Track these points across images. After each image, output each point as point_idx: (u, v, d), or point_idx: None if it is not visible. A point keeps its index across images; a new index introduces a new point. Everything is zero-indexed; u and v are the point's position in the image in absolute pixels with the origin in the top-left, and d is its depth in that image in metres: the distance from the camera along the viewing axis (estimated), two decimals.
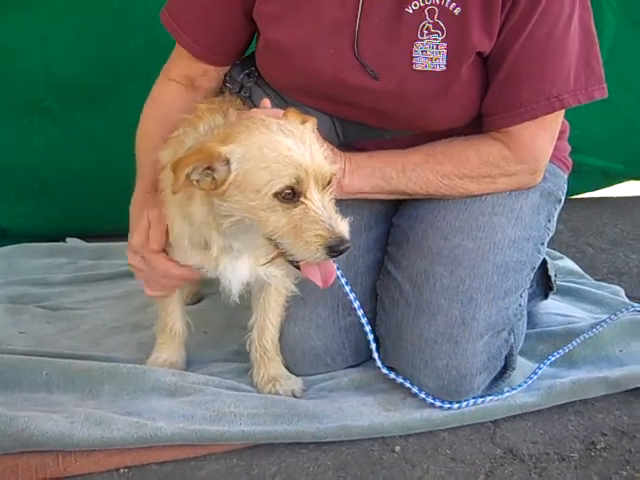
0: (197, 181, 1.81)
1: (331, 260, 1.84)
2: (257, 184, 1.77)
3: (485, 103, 2.10)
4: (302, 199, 1.78)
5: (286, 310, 2.18)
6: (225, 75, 2.34)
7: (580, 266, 2.98)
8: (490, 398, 2.10)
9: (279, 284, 2.10)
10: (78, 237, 3.42)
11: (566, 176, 2.38)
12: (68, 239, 3.39)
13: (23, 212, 3.40)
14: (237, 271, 2.01)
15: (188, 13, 2.24)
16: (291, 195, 1.78)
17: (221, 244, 1.94)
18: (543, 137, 2.12)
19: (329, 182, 1.83)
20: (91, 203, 3.42)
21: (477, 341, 2.06)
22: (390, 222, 2.33)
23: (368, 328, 2.12)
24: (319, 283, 1.86)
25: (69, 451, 1.93)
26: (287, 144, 1.78)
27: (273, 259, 1.88)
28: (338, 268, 2.06)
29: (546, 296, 2.54)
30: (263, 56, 2.23)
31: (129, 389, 2.12)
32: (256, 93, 2.27)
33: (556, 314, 2.49)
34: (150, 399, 2.10)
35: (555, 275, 2.53)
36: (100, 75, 3.32)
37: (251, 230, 1.85)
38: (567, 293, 2.67)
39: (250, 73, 2.31)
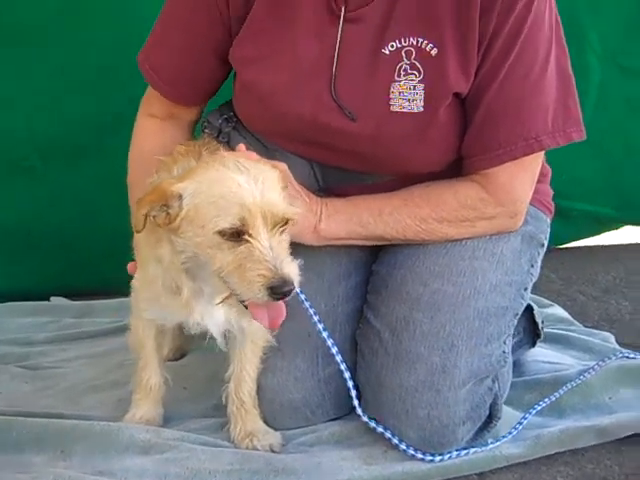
0: (154, 217, 1.81)
1: (280, 302, 1.79)
2: (204, 220, 1.76)
3: (463, 145, 2.08)
4: (247, 237, 1.74)
5: (263, 361, 2.12)
6: (203, 121, 2.33)
7: (571, 314, 2.92)
8: (474, 450, 2.03)
9: (255, 334, 2.05)
10: (63, 296, 3.38)
11: (549, 220, 2.35)
12: (52, 298, 3.35)
13: (8, 272, 3.36)
14: (213, 317, 1.97)
15: (163, 58, 2.25)
16: (237, 233, 1.74)
17: (191, 286, 1.91)
18: (522, 179, 2.09)
19: (285, 223, 1.79)
20: (76, 261, 3.38)
21: (459, 389, 2.00)
22: (369, 269, 2.28)
23: (347, 375, 2.06)
24: (265, 324, 1.82)
25: None
26: (238, 180, 1.76)
27: (226, 299, 1.84)
28: (315, 313, 2.03)
29: (534, 344, 2.48)
30: (240, 98, 2.22)
31: (102, 448, 2.05)
32: (234, 138, 2.26)
33: (544, 362, 2.44)
34: (124, 458, 2.02)
35: (542, 322, 2.48)
36: (83, 131, 3.31)
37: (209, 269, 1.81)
38: (556, 341, 2.62)
39: (228, 118, 2.30)
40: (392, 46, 2.03)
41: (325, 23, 2.07)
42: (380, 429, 2.05)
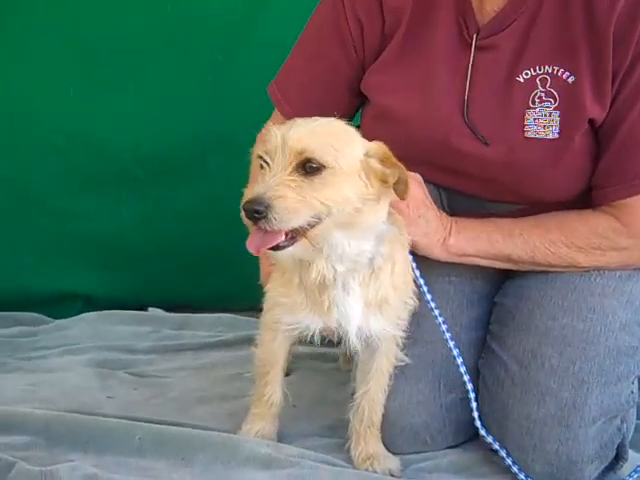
0: None
1: (268, 231, 1.77)
2: None
3: (597, 174, 2.08)
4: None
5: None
6: None
7: None
8: None
9: (389, 350, 2.04)
10: (159, 307, 3.43)
11: None
12: (150, 309, 3.40)
13: (107, 280, 3.42)
14: (350, 319, 1.95)
15: (296, 88, 2.29)
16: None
17: (322, 268, 1.90)
18: None
19: (307, 162, 1.77)
20: (173, 275, 3.44)
21: (589, 427, 1.98)
22: (491, 301, 2.28)
23: (471, 388, 2.05)
24: (248, 248, 1.80)
25: None
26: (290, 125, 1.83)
27: None
28: (444, 322, 2.04)
29: None
30: (371, 124, 2.25)
31: (223, 458, 2.06)
32: None
33: None
34: (244, 470, 2.03)
35: None
36: (188, 149, 3.38)
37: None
38: None
39: None
40: (526, 74, 2.06)
41: (457, 51, 2.11)
42: (503, 453, 2.04)
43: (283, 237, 1.79)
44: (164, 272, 3.44)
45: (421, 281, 2.03)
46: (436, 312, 2.03)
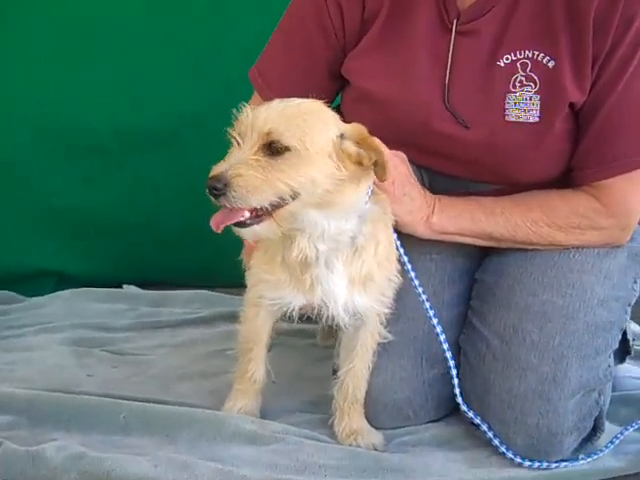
0: None
1: (228, 209, 1.81)
2: None
3: (576, 156, 2.11)
4: None
5: None
6: None
7: None
8: (582, 461, 2.05)
9: (373, 326, 2.06)
10: (134, 284, 3.41)
11: None
12: (125, 286, 3.38)
13: (80, 257, 3.40)
14: (335, 295, 1.97)
15: (276, 73, 2.30)
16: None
17: (304, 246, 1.92)
18: (636, 192, 2.11)
19: (272, 143, 1.80)
20: (148, 250, 3.42)
21: (569, 399, 2.02)
22: (472, 277, 2.31)
23: (453, 364, 2.08)
24: (211, 224, 1.85)
25: None
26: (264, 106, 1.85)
27: None
28: (428, 299, 2.06)
29: (623, 360, 2.49)
30: (351, 106, 2.26)
31: (208, 435, 2.07)
32: None
33: (634, 377, 2.45)
34: (230, 446, 2.04)
35: (633, 339, 2.48)
36: (163, 122, 3.36)
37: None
38: (637, 357, 2.62)
39: None
40: (507, 58, 2.07)
41: (438, 36, 2.13)
42: (484, 427, 2.07)
43: (247, 214, 1.81)
44: (139, 248, 3.42)
45: (405, 258, 2.05)
46: (419, 289, 2.06)
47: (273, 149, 1.80)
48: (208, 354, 2.70)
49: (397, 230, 2.07)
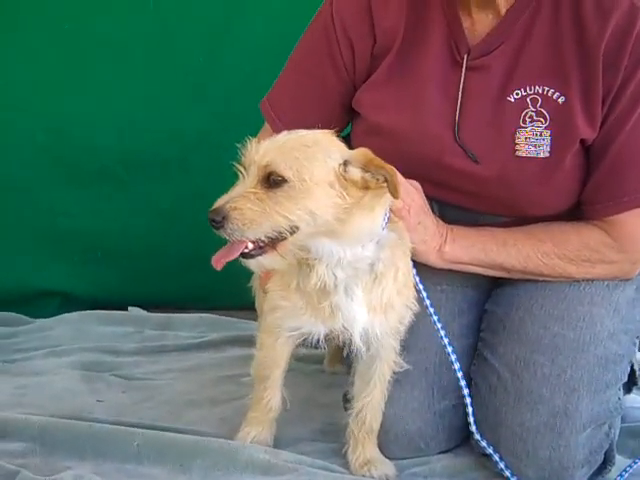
0: None
1: (231, 244, 1.85)
2: None
3: (586, 192, 2.14)
4: None
5: None
6: None
7: None
8: None
9: (388, 354, 2.07)
10: (139, 307, 3.42)
11: None
12: (130, 308, 3.39)
13: (86, 278, 3.43)
14: (356, 320, 1.98)
15: (287, 105, 2.32)
16: None
17: (323, 273, 1.94)
18: None
19: (270, 175, 1.83)
20: (154, 273, 3.44)
21: (580, 433, 2.04)
22: (482, 308, 2.33)
23: (467, 391, 2.10)
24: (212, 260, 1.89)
25: None
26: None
27: None
28: (443, 327, 2.07)
29: (629, 390, 2.51)
30: (363, 139, 2.27)
31: (221, 465, 2.07)
32: None
33: None
34: (244, 476, 2.05)
35: (639, 369, 2.51)
36: (169, 147, 3.39)
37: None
38: None
39: None
40: (517, 94, 2.10)
41: (448, 71, 2.15)
42: (496, 458, 2.09)
43: (250, 246, 1.85)
44: (144, 270, 3.44)
45: (420, 287, 2.07)
46: (435, 318, 2.07)
47: (271, 181, 1.82)
48: (217, 380, 2.72)
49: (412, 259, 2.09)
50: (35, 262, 3.39)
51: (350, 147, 2.35)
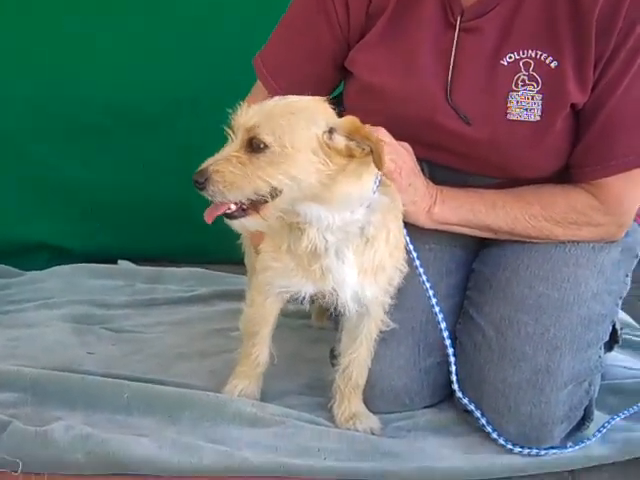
0: None
1: (217, 203, 1.90)
2: None
3: (575, 155, 2.16)
4: None
5: None
6: None
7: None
8: (570, 449, 2.12)
9: (377, 313, 2.11)
10: (129, 260, 3.44)
11: None
12: (120, 261, 3.41)
13: (75, 232, 3.43)
14: (345, 282, 2.02)
15: (280, 63, 2.33)
16: None
17: (313, 236, 1.98)
18: (633, 191, 2.17)
19: (253, 139, 1.85)
20: (143, 227, 3.44)
21: (561, 390, 2.09)
22: (469, 268, 2.37)
23: (451, 351, 2.14)
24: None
25: (158, 476, 1.94)
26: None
27: None
28: (432, 287, 2.11)
29: (611, 348, 2.56)
30: (355, 99, 2.29)
31: (209, 416, 2.12)
32: None
33: (622, 367, 2.51)
34: (231, 428, 2.10)
35: (621, 329, 2.55)
36: (159, 103, 3.37)
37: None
38: (627, 345, 2.69)
39: (339, 114, 2.36)
40: (510, 57, 2.10)
41: (442, 33, 2.15)
42: (478, 414, 2.13)
43: (233, 207, 1.89)
44: (134, 224, 3.44)
45: (411, 247, 2.09)
46: (424, 278, 2.10)
47: (254, 145, 1.85)
48: (206, 333, 2.75)
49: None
50: (23, 215, 3.39)
51: (342, 106, 2.38)
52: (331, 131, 1.89)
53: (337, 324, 2.27)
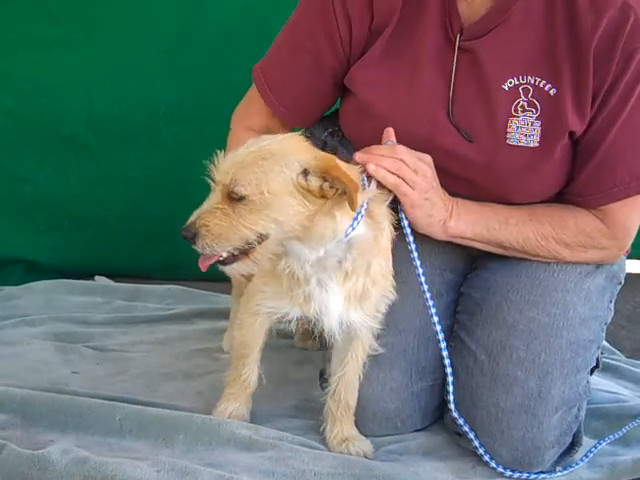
0: None
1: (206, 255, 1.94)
2: None
3: (577, 185, 2.19)
4: None
5: None
6: (304, 132, 2.41)
7: None
8: (559, 473, 2.15)
9: (365, 337, 2.12)
10: (106, 276, 3.41)
11: (625, 259, 2.47)
12: (97, 277, 3.38)
13: (51, 246, 3.42)
14: (330, 309, 2.04)
15: (279, 75, 2.33)
16: None
17: (306, 272, 2.01)
18: (634, 217, 2.22)
19: (230, 190, 1.90)
20: (120, 242, 3.45)
21: (553, 415, 2.12)
22: (458, 291, 2.39)
23: (450, 370, 2.15)
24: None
25: None
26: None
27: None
28: (433, 306, 2.12)
29: (591, 372, 2.61)
30: (352, 117, 2.31)
31: (204, 440, 2.11)
32: (341, 151, 2.34)
33: (603, 391, 2.56)
34: (226, 451, 2.09)
35: (602, 353, 2.60)
36: (140, 116, 3.38)
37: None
38: (605, 369, 2.74)
39: (333, 132, 2.41)
40: (510, 82, 2.13)
41: (443, 51, 2.17)
42: (472, 436, 2.15)
43: (225, 254, 1.94)
44: (110, 240, 3.44)
45: (417, 262, 2.11)
46: (427, 295, 2.12)
47: (234, 196, 1.89)
48: (189, 353, 2.74)
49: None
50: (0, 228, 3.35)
51: (337, 125, 2.39)
52: (305, 172, 1.91)
53: (322, 345, 2.28)
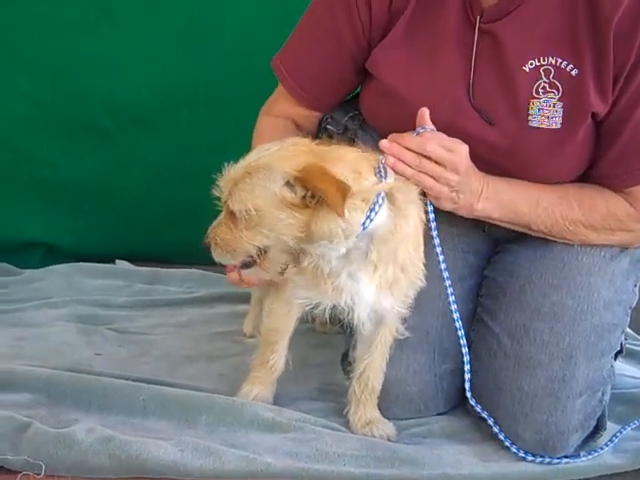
0: None
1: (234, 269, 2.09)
2: None
3: (604, 166, 2.17)
4: None
5: None
6: (325, 118, 2.41)
7: None
8: (584, 457, 2.14)
9: (391, 322, 2.12)
10: (126, 260, 3.42)
11: None
12: (117, 261, 3.38)
13: (72, 230, 3.41)
14: (362, 299, 2.04)
15: (300, 62, 2.33)
16: None
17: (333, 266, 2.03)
18: None
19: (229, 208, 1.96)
20: (139, 226, 3.43)
21: (576, 399, 2.12)
22: (482, 274, 2.38)
23: (467, 359, 2.16)
24: None
25: None
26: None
27: None
28: (452, 292, 2.14)
29: (615, 358, 2.60)
30: (373, 101, 2.30)
31: (226, 421, 2.11)
32: (362, 135, 2.34)
33: (628, 376, 2.55)
34: (249, 433, 2.10)
35: (625, 339, 2.59)
36: (159, 101, 3.36)
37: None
38: (629, 355, 2.72)
39: (354, 116, 2.39)
40: (531, 64, 2.11)
41: (463, 32, 2.15)
42: (490, 421, 2.15)
43: (238, 263, 2.03)
44: (130, 224, 3.43)
45: (438, 250, 2.11)
46: (447, 283, 2.12)
47: (233, 212, 1.95)
48: (210, 336, 2.75)
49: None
50: (19, 212, 3.36)
51: (358, 109, 2.38)
52: (289, 184, 1.92)
53: (344, 328, 2.27)
